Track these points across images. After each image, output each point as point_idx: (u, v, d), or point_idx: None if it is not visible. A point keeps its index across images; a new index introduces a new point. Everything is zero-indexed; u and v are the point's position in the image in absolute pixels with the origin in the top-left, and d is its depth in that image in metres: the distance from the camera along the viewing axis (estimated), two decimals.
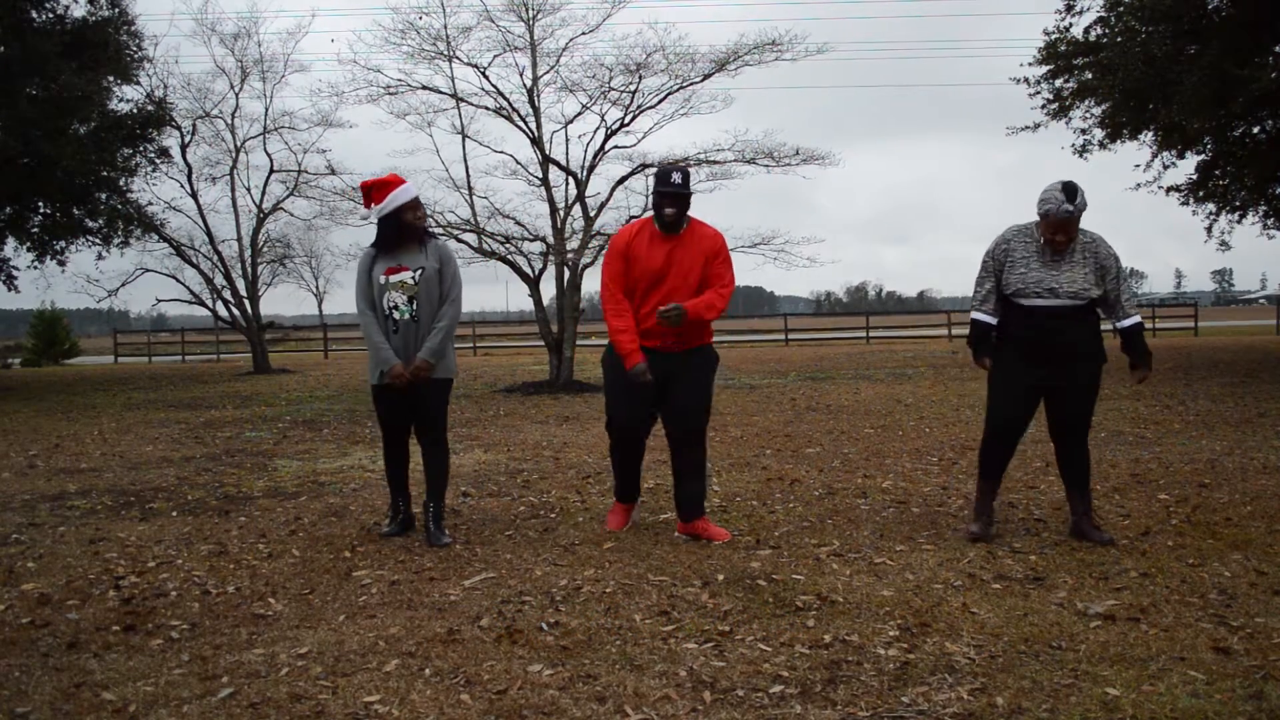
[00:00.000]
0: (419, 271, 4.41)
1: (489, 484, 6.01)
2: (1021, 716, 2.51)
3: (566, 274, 13.49)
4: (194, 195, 19.84)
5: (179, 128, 19.32)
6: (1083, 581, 3.61)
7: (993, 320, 4.27)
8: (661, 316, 4.29)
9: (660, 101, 13.71)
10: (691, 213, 4.49)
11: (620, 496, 4.76)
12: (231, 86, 19.92)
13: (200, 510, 5.43)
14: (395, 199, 4.39)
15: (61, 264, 18.03)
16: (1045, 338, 4.13)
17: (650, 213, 4.54)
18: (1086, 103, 14.87)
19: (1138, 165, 16.11)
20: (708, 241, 4.45)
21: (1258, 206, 16.53)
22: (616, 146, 13.93)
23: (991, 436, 4.35)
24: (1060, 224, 3.98)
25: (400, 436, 4.63)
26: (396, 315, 4.39)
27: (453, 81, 13.87)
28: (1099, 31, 13.98)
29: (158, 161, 18.26)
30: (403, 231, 4.42)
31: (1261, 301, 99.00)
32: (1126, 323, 4.23)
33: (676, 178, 4.36)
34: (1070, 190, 3.95)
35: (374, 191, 4.45)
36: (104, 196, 17.15)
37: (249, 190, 20.57)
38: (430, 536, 4.46)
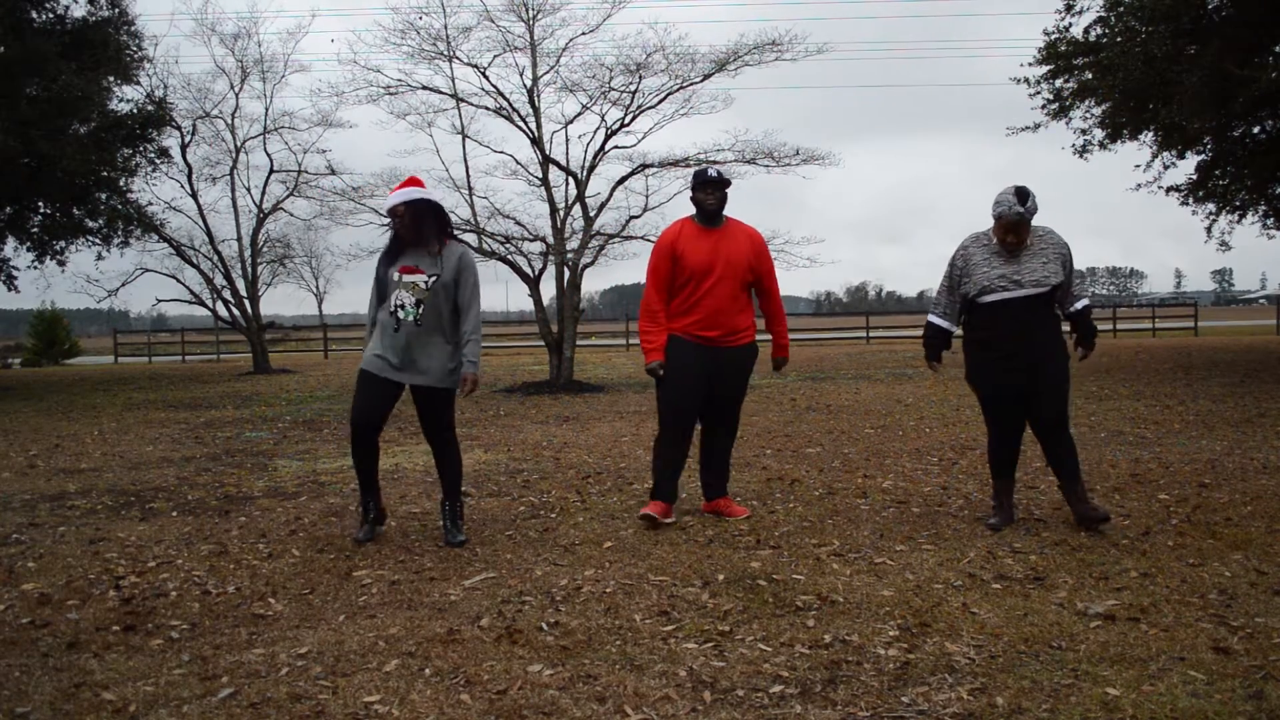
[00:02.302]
0: (433, 279, 4.35)
1: (489, 484, 6.01)
2: (1021, 716, 2.51)
3: (566, 274, 13.49)
4: (194, 195, 19.86)
5: (179, 128, 19.33)
6: (1083, 581, 3.61)
7: (946, 325, 4.58)
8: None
9: (660, 102, 13.74)
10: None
11: (657, 495, 4.79)
12: (231, 86, 19.95)
13: (200, 510, 5.43)
14: (413, 193, 4.38)
15: (61, 264, 18.04)
16: (1013, 337, 4.31)
17: (690, 212, 4.86)
18: (1086, 103, 14.88)
19: (1138, 165, 16.13)
20: (750, 238, 4.81)
21: (1258, 206, 16.54)
22: (616, 147, 13.95)
23: (994, 442, 4.60)
24: (1012, 225, 4.24)
25: (372, 433, 4.46)
26: (401, 314, 4.36)
27: (453, 81, 13.89)
28: (1099, 31, 13.98)
29: (158, 161, 18.28)
30: (421, 232, 4.37)
31: (1261, 301, 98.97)
32: (1078, 305, 4.49)
33: (713, 171, 4.74)
34: (1022, 194, 4.21)
35: (404, 185, 4.45)
36: (104, 196, 17.16)
37: (249, 190, 20.61)
38: (447, 534, 4.47)
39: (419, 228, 4.37)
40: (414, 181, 4.49)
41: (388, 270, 4.44)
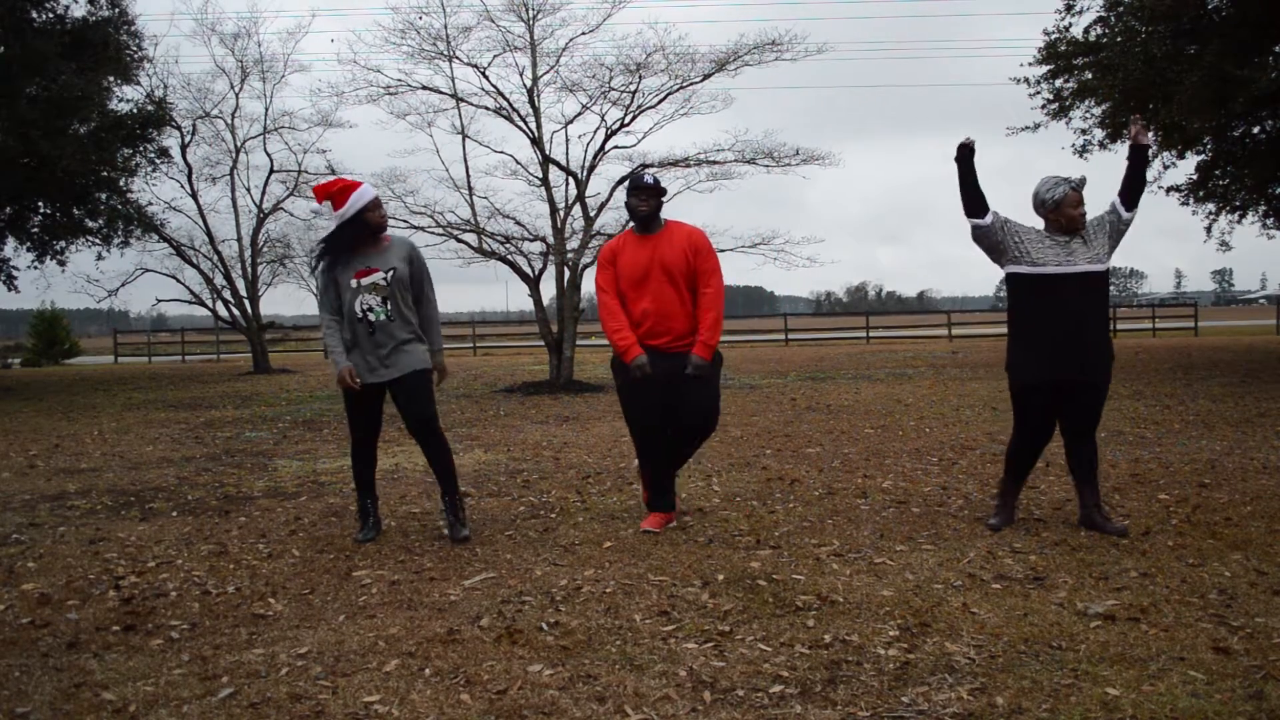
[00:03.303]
0: (390, 272, 4.41)
1: (489, 484, 6.01)
2: (1021, 716, 2.51)
3: (566, 274, 13.49)
4: (194, 195, 19.86)
5: (179, 128, 19.33)
6: (1083, 581, 3.61)
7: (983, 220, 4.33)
8: (694, 370, 4.50)
9: (660, 101, 13.73)
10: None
11: (652, 505, 4.74)
12: (231, 86, 19.95)
13: (200, 510, 5.43)
14: (358, 200, 4.34)
15: (61, 264, 18.04)
16: (1065, 323, 4.15)
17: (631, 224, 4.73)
18: (1086, 103, 14.87)
19: None
20: (687, 237, 4.60)
21: (1258, 206, 16.54)
22: (616, 146, 13.95)
23: (1020, 439, 4.45)
24: (1076, 199, 4.20)
25: (370, 439, 4.62)
26: (372, 317, 4.39)
27: (453, 81, 13.89)
28: (1099, 31, 13.98)
29: (158, 161, 18.28)
30: (366, 231, 4.40)
31: (1261, 301, 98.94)
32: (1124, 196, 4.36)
33: (647, 178, 4.58)
34: (1064, 177, 4.24)
35: (336, 196, 4.38)
36: (104, 196, 17.15)
37: (249, 190, 20.60)
38: (451, 530, 4.49)
39: (383, 224, 4.48)
40: (340, 181, 4.47)
41: (339, 278, 4.42)
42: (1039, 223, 4.35)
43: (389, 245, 4.49)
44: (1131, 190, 4.34)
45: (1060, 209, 4.20)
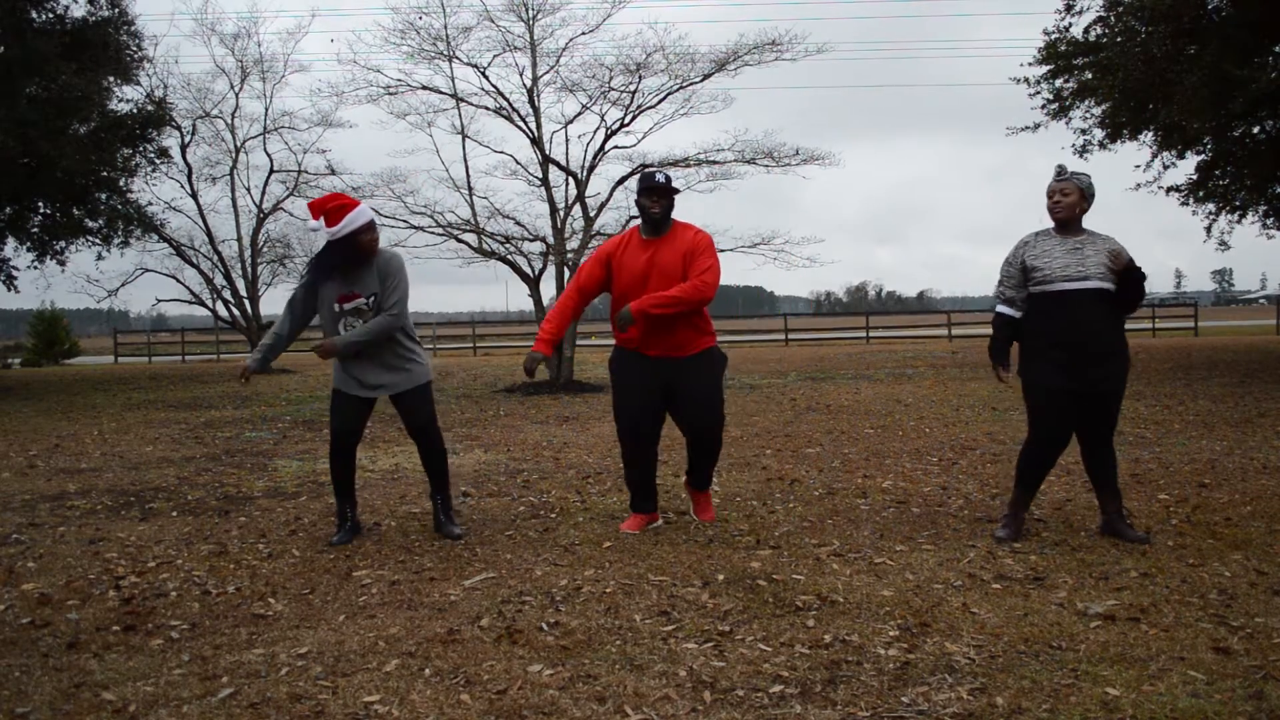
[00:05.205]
0: (372, 298, 4.35)
1: (489, 484, 6.01)
2: (1021, 716, 2.51)
3: (566, 274, 13.49)
4: (194, 195, 19.89)
5: (179, 128, 19.35)
6: (1083, 581, 3.61)
7: (1015, 314, 4.26)
8: (620, 320, 4.30)
9: (660, 101, 13.74)
10: (681, 216, 4.52)
11: (634, 507, 4.71)
12: (231, 86, 19.98)
13: (200, 510, 5.43)
14: (353, 221, 4.23)
15: (61, 264, 18.03)
16: (1080, 331, 4.10)
17: (636, 222, 4.56)
18: (1086, 103, 14.87)
19: (1138, 165, 16.12)
20: (689, 240, 4.40)
21: (1258, 206, 16.53)
22: (616, 147, 13.95)
23: (1035, 447, 4.28)
24: (1054, 188, 4.20)
25: (350, 444, 4.55)
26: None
27: (453, 81, 13.90)
28: (1099, 31, 13.98)
29: (158, 161, 18.26)
30: (356, 254, 4.30)
31: (1261, 301, 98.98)
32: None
33: (660, 176, 4.39)
34: (1064, 168, 4.25)
35: (331, 213, 4.23)
36: (104, 196, 17.14)
37: (249, 190, 20.63)
38: (442, 528, 4.52)
39: (373, 249, 4.35)
40: (338, 198, 4.33)
41: (323, 294, 4.38)
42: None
43: (374, 266, 4.35)
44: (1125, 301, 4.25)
45: (1049, 198, 4.23)
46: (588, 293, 4.54)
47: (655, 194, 4.35)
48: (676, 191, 4.42)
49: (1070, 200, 4.18)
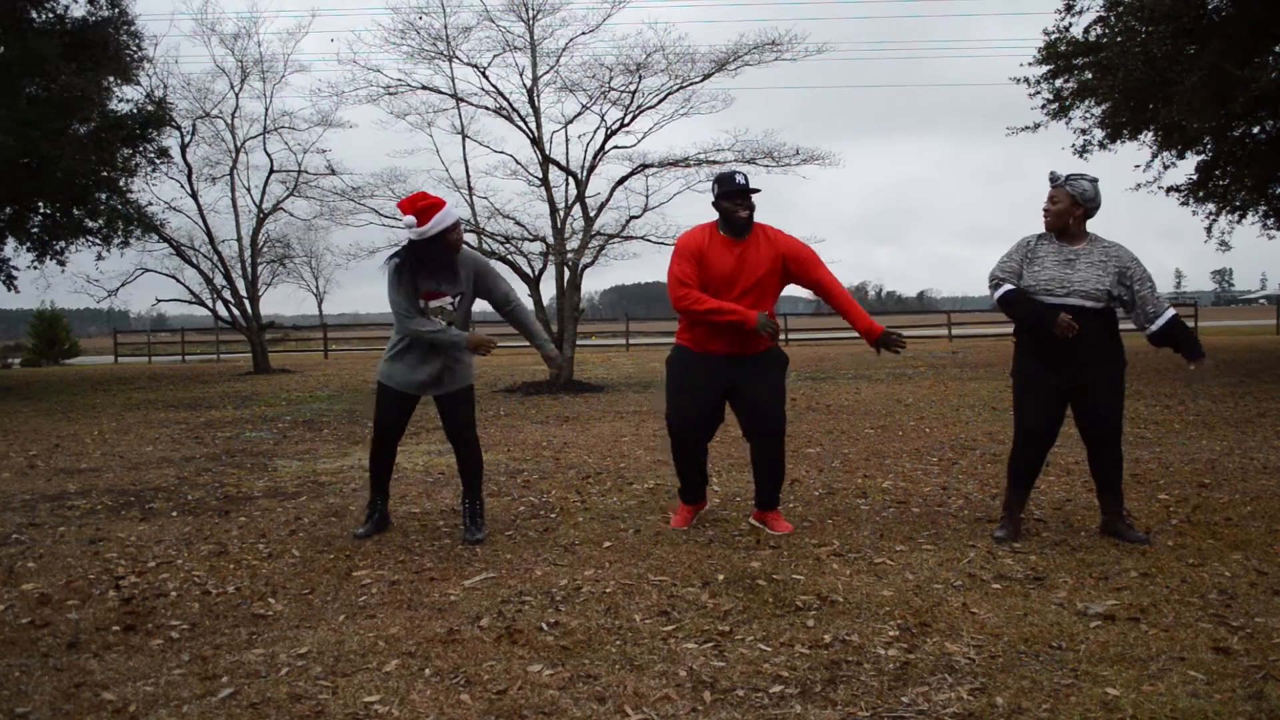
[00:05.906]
0: (458, 298, 4.44)
1: (489, 484, 6.01)
2: (1021, 716, 2.51)
3: (566, 274, 13.49)
4: (194, 195, 19.84)
5: (179, 128, 19.31)
6: (1083, 581, 3.61)
7: (1015, 285, 4.22)
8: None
9: (660, 101, 13.73)
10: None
11: (684, 497, 4.74)
12: (231, 86, 19.93)
13: (200, 510, 5.43)
14: (441, 220, 4.28)
15: (61, 264, 18.04)
16: (1065, 342, 4.09)
17: (715, 218, 4.47)
18: (1086, 103, 14.87)
19: (1138, 165, 16.12)
20: (778, 244, 4.41)
21: (1258, 206, 16.54)
22: (616, 147, 13.95)
23: (1021, 444, 4.32)
24: (1050, 195, 4.19)
25: (394, 438, 4.69)
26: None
27: (453, 81, 13.90)
28: (1099, 31, 13.98)
29: (158, 161, 18.27)
30: (443, 252, 4.35)
31: (1261, 301, 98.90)
32: (1160, 321, 4.18)
33: (740, 178, 4.35)
34: (1054, 176, 4.23)
35: (421, 213, 4.28)
36: (104, 196, 17.15)
37: (249, 190, 20.59)
38: (468, 532, 4.52)
39: (459, 247, 4.43)
40: (426, 197, 4.36)
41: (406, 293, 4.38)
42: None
43: (457, 265, 4.42)
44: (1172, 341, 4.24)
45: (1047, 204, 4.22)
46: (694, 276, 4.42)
47: (739, 197, 4.33)
48: (757, 191, 4.40)
49: (1059, 209, 4.16)
